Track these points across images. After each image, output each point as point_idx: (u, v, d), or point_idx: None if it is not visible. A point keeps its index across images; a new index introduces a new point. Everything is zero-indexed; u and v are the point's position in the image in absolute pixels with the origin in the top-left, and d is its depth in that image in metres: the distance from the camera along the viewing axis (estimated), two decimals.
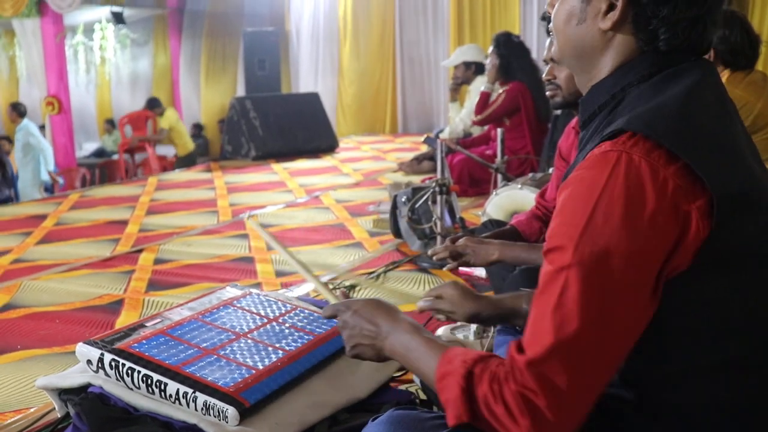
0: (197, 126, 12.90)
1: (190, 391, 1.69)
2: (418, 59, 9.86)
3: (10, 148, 8.71)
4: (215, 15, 13.24)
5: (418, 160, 6.18)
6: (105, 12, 12.76)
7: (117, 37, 14.07)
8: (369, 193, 5.42)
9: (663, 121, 1.04)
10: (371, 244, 3.93)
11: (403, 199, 3.70)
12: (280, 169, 6.82)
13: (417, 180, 5.16)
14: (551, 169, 3.10)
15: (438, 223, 3.38)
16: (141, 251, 3.96)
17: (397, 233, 3.81)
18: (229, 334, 1.99)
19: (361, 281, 3.18)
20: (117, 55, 14.38)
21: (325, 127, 8.08)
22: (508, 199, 3.41)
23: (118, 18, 12.58)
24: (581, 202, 1.02)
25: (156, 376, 1.73)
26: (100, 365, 1.80)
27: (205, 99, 13.48)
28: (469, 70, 6.14)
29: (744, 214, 1.04)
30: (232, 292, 2.29)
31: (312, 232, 4.29)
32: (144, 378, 1.74)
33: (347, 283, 3.19)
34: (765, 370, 1.07)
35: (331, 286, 3.13)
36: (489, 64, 5.28)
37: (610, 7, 1.12)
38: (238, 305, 2.18)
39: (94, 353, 1.81)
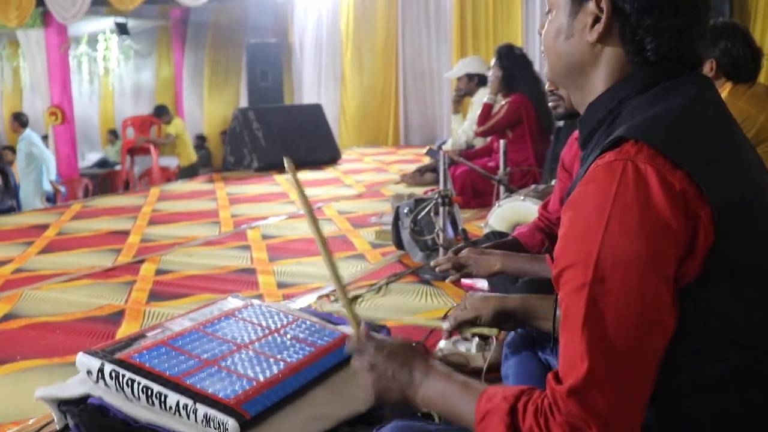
0: (200, 137, 12.93)
1: (190, 402, 1.68)
2: (421, 71, 9.88)
3: (12, 159, 8.72)
4: (219, 26, 13.29)
5: (421, 171, 6.18)
6: (109, 23, 12.83)
7: (121, 48, 14.15)
8: (371, 205, 5.41)
9: (661, 130, 1.04)
10: (373, 255, 3.92)
11: (405, 211, 3.70)
12: (282, 181, 6.82)
13: (419, 192, 5.15)
14: (554, 181, 3.09)
15: (440, 234, 3.37)
16: (142, 262, 3.95)
17: (399, 245, 3.80)
18: (230, 345, 1.98)
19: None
20: (120, 65, 14.46)
21: (327, 138, 8.09)
22: (511, 210, 3.40)
23: (121, 29, 12.65)
24: (593, 215, 1.01)
25: (156, 387, 1.72)
26: (100, 375, 1.79)
27: (208, 110, 13.52)
28: (471, 82, 6.15)
29: (748, 226, 1.03)
30: (233, 303, 2.28)
31: (314, 244, 4.25)
32: (144, 389, 1.73)
33: (349, 295, 3.17)
34: None
35: (333, 298, 3.12)
36: (492, 75, 5.28)
37: (596, 20, 1.12)
38: (240, 316, 2.17)
39: (94, 363, 1.81)
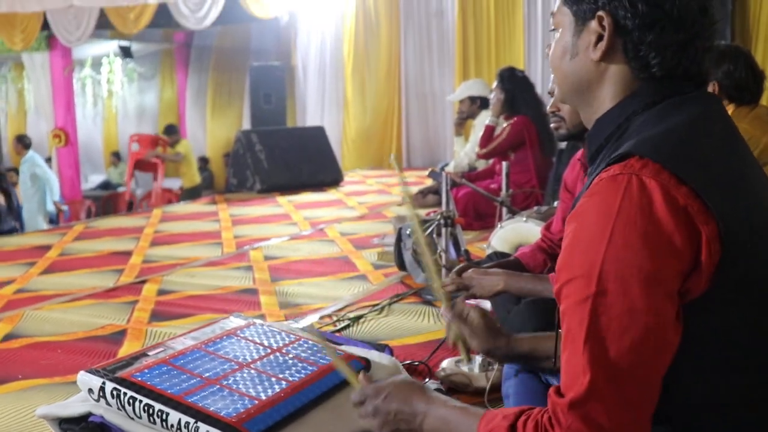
0: (202, 159, 12.97)
1: (192, 421, 1.67)
2: (423, 94, 9.92)
3: (16, 180, 8.75)
4: (222, 50, 13.38)
5: (423, 193, 6.18)
6: (113, 46, 12.94)
7: (124, 70, 14.26)
8: (373, 226, 5.41)
9: (667, 146, 1.04)
10: (375, 276, 3.92)
11: (407, 232, 3.70)
12: (285, 202, 6.83)
13: (422, 213, 5.15)
14: (556, 203, 3.10)
15: (443, 255, 3.37)
16: (144, 282, 3.95)
17: (401, 266, 3.80)
18: (232, 364, 1.97)
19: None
20: (124, 88, 14.56)
21: (330, 160, 8.11)
22: (513, 232, 3.40)
23: (125, 52, 12.75)
24: (597, 228, 1.01)
25: (158, 406, 1.71)
26: (101, 394, 1.79)
27: (211, 133, 13.56)
28: (474, 105, 6.17)
29: (754, 244, 1.03)
30: (235, 322, 2.27)
31: (316, 265, 4.28)
32: (145, 407, 1.72)
33: (351, 315, 3.17)
34: None
35: (335, 319, 3.11)
36: (493, 98, 5.30)
37: (599, 38, 1.13)
38: (242, 335, 2.17)
39: (96, 382, 1.80)
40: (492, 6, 8.86)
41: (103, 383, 1.79)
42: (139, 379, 1.81)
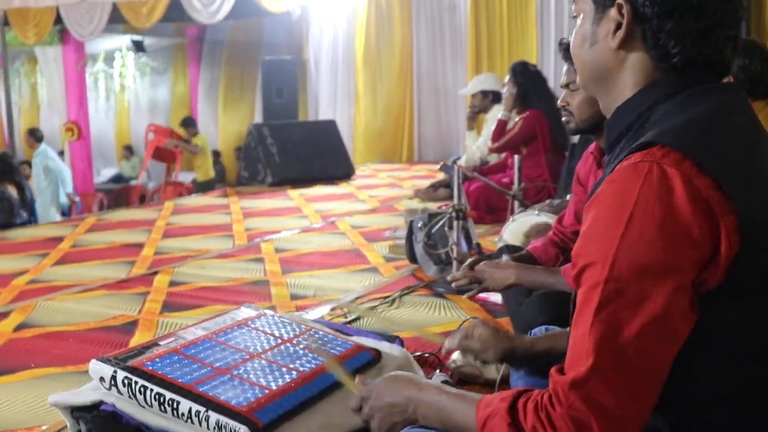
0: (214, 153, 12.97)
1: (202, 409, 1.67)
2: (435, 88, 9.90)
3: (29, 173, 8.79)
4: (234, 44, 13.39)
5: (435, 187, 6.18)
6: (126, 40, 12.98)
7: (137, 65, 14.29)
8: (385, 219, 5.41)
9: (690, 136, 1.03)
10: (387, 269, 3.91)
11: (419, 225, 3.69)
12: (296, 195, 6.83)
13: (433, 207, 5.14)
14: (568, 196, 3.08)
15: (454, 248, 3.36)
16: (156, 273, 3.96)
17: (412, 258, 3.79)
18: (243, 354, 1.97)
19: (356, 309, 3.11)
20: (136, 82, 14.60)
21: (341, 154, 8.11)
22: (525, 225, 3.38)
23: (138, 46, 12.79)
24: (614, 215, 1.01)
25: (169, 395, 1.72)
26: (112, 383, 1.79)
27: (223, 127, 13.58)
28: (486, 99, 6.15)
29: None
30: (246, 313, 2.27)
31: (327, 257, 4.28)
32: (156, 396, 1.73)
33: (362, 307, 3.17)
34: None
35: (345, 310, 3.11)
36: (506, 92, 5.29)
37: (618, 26, 1.12)
38: (253, 326, 2.17)
39: (107, 370, 1.80)
40: (505, 0, 8.83)
41: (115, 372, 1.79)
42: (151, 368, 1.81)
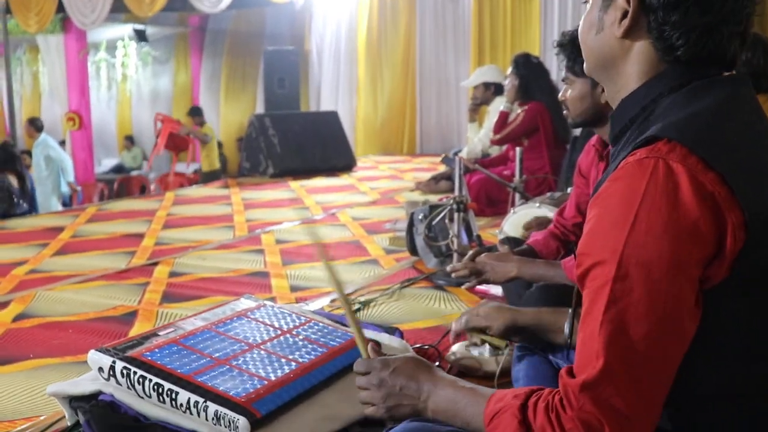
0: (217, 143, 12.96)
1: (201, 400, 1.67)
2: (437, 80, 9.87)
3: (29, 163, 8.78)
4: (237, 34, 13.35)
5: (436, 179, 6.17)
6: (128, 30, 12.94)
7: (139, 54, 14.26)
8: (386, 211, 5.40)
9: (695, 130, 1.02)
10: (387, 261, 3.91)
11: (420, 217, 3.68)
12: (297, 187, 6.82)
13: (434, 199, 5.14)
14: (569, 189, 3.08)
15: (455, 240, 3.36)
16: (156, 264, 3.96)
17: (413, 251, 3.79)
18: (242, 344, 1.97)
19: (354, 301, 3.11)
20: (138, 72, 14.57)
21: (343, 145, 8.09)
22: (526, 217, 3.38)
23: (140, 36, 12.75)
24: (620, 212, 1.00)
25: (167, 385, 1.71)
26: (111, 373, 1.79)
27: (225, 117, 13.56)
28: (488, 91, 6.13)
29: None
30: (246, 304, 2.27)
31: (328, 249, 4.28)
32: (155, 386, 1.72)
33: (362, 299, 3.16)
34: None
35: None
36: (508, 84, 5.27)
37: (624, 15, 1.11)
38: (252, 316, 2.16)
39: (106, 361, 1.80)
40: None
41: (114, 362, 1.79)
42: (149, 358, 1.81)
